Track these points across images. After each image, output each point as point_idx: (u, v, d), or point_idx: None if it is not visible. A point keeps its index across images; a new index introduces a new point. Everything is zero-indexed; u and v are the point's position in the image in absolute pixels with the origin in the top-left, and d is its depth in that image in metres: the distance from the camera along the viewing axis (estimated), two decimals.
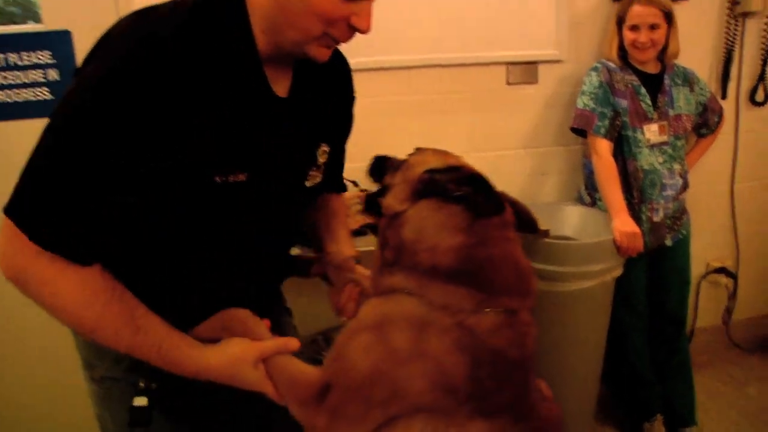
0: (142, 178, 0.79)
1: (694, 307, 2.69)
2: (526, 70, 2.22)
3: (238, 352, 0.88)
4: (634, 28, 1.99)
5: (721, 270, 2.64)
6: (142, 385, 0.95)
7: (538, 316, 1.66)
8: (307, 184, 1.04)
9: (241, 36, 0.86)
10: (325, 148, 1.05)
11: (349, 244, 1.16)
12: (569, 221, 2.14)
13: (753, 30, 2.34)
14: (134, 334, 0.84)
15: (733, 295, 2.70)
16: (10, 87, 2.01)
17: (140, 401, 0.94)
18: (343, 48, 0.98)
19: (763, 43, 2.36)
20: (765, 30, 2.34)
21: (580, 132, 2.12)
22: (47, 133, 0.79)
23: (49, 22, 1.98)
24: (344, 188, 1.25)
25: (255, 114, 0.89)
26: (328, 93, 1.05)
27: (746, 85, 2.42)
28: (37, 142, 0.79)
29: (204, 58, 0.81)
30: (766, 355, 2.77)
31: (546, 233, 1.81)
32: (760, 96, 2.42)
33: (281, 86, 0.94)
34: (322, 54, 0.90)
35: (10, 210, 0.78)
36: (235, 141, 0.86)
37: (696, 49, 2.32)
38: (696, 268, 2.63)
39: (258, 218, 0.96)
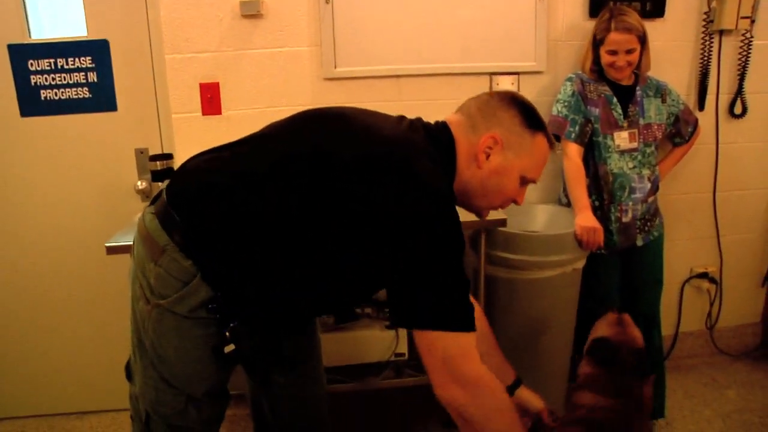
0: None
1: (678, 311, 2.79)
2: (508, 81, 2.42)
3: None
4: (612, 52, 2.13)
5: (704, 275, 2.74)
6: (227, 333, 1.14)
7: (508, 301, 2.05)
8: None
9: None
10: None
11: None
12: (540, 218, 2.32)
13: (729, 47, 2.45)
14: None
15: (714, 301, 2.80)
16: (58, 87, 2.35)
17: (229, 348, 1.15)
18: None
19: (739, 60, 2.48)
20: (740, 47, 2.46)
21: (553, 137, 2.30)
22: (430, 265, 1.03)
23: (92, 33, 2.32)
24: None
25: None
26: None
27: (725, 98, 2.53)
28: (423, 272, 1.03)
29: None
30: (750, 362, 2.85)
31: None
32: (738, 109, 2.53)
33: None
34: (486, 215, 1.32)
35: (447, 323, 1.02)
36: None
37: (675, 64, 2.47)
38: (680, 273, 2.76)
39: None
